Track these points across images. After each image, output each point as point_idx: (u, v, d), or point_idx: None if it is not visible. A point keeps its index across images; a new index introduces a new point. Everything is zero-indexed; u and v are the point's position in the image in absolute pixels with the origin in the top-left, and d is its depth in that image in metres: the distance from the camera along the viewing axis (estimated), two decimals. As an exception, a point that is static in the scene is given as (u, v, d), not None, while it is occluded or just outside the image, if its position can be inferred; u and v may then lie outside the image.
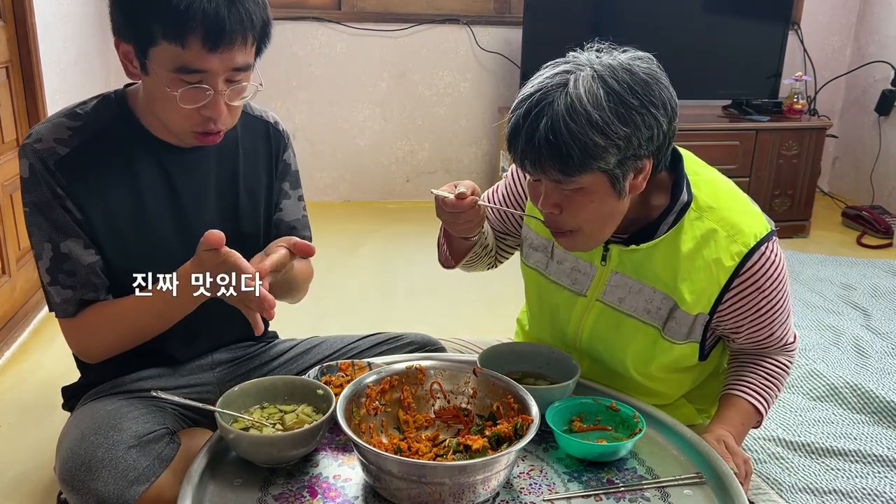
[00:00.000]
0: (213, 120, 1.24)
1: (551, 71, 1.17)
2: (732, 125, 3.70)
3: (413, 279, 3.15)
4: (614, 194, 1.19)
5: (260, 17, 1.21)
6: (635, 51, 1.19)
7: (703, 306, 1.29)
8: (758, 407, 1.38)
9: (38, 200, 1.27)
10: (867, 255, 3.57)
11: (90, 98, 1.35)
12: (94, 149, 1.29)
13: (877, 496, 1.75)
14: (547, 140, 1.12)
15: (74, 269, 1.28)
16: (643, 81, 1.14)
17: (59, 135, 1.28)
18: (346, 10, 3.94)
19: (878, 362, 2.43)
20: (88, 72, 3.34)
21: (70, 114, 1.32)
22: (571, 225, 1.23)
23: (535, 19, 3.62)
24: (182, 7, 1.13)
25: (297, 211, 1.53)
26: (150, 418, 1.28)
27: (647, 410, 1.32)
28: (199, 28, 1.14)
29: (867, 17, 4.29)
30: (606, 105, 1.11)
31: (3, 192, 2.49)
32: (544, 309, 1.48)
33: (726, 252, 1.27)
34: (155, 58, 1.19)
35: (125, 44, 1.22)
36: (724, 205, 1.30)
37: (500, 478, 1.09)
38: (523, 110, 1.15)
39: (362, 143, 4.16)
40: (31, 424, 2.04)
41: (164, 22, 1.14)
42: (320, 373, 1.36)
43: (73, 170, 1.27)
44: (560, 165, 1.13)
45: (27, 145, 1.27)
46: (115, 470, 1.17)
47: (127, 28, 1.20)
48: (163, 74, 1.19)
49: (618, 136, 1.12)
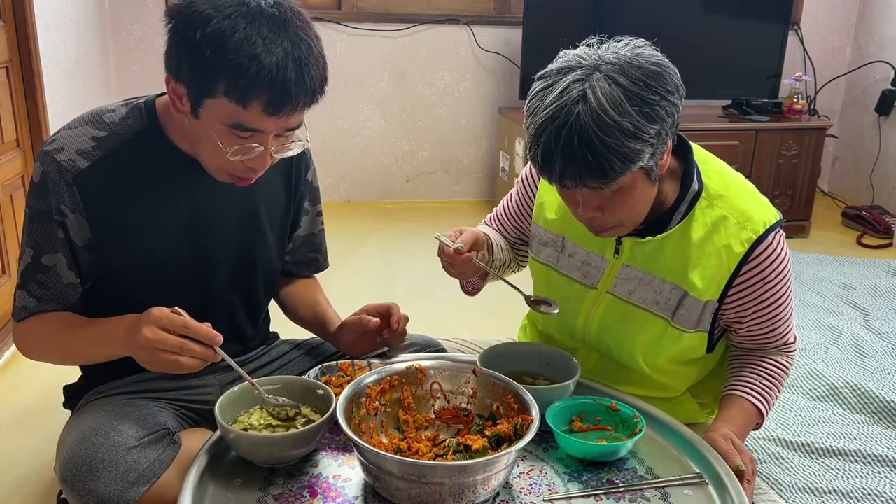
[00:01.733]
0: (255, 170, 1.23)
1: (562, 84, 1.14)
2: (732, 125, 3.70)
3: (413, 279, 3.16)
4: (650, 183, 1.22)
5: (321, 81, 1.18)
6: (630, 39, 1.19)
7: (712, 293, 1.31)
8: (759, 408, 1.38)
9: (40, 208, 1.25)
10: (867, 255, 3.57)
11: (119, 104, 1.31)
12: (117, 162, 1.26)
13: (877, 496, 1.75)
14: (585, 159, 1.12)
15: (49, 283, 1.28)
16: (654, 73, 1.15)
17: (82, 145, 1.25)
18: (346, 10, 3.94)
19: (878, 362, 2.43)
20: (88, 72, 3.34)
21: (96, 121, 1.28)
22: (613, 222, 1.25)
23: (535, 19, 3.62)
24: (252, 71, 1.09)
25: (314, 226, 1.55)
26: (150, 419, 1.27)
27: (648, 410, 1.32)
28: (265, 94, 1.11)
29: (867, 17, 4.29)
30: (632, 109, 1.12)
31: (3, 191, 2.49)
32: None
33: (736, 238, 1.28)
34: (210, 108, 1.15)
35: (179, 84, 1.17)
36: (734, 193, 1.32)
37: (500, 478, 1.09)
38: (552, 134, 1.13)
39: (362, 144, 4.16)
40: (31, 424, 2.04)
41: (231, 81, 1.10)
42: (320, 373, 1.36)
43: (91, 184, 1.24)
44: (601, 177, 1.14)
45: (47, 153, 1.24)
46: (115, 471, 1.17)
47: (188, 73, 1.14)
48: (214, 125, 1.16)
49: (650, 135, 1.14)
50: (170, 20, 1.15)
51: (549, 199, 1.45)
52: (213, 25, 1.10)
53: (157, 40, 3.76)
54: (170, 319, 1.12)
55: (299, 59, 1.12)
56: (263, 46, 1.10)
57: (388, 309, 1.42)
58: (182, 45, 1.13)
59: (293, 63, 1.12)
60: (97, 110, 1.30)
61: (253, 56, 1.09)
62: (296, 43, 1.13)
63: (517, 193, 1.54)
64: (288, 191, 1.46)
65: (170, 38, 1.15)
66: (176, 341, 1.11)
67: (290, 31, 1.13)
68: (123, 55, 3.76)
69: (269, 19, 1.12)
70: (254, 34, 1.10)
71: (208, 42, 1.10)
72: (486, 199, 4.32)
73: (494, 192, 4.24)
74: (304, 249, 1.57)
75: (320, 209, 1.56)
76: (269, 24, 1.12)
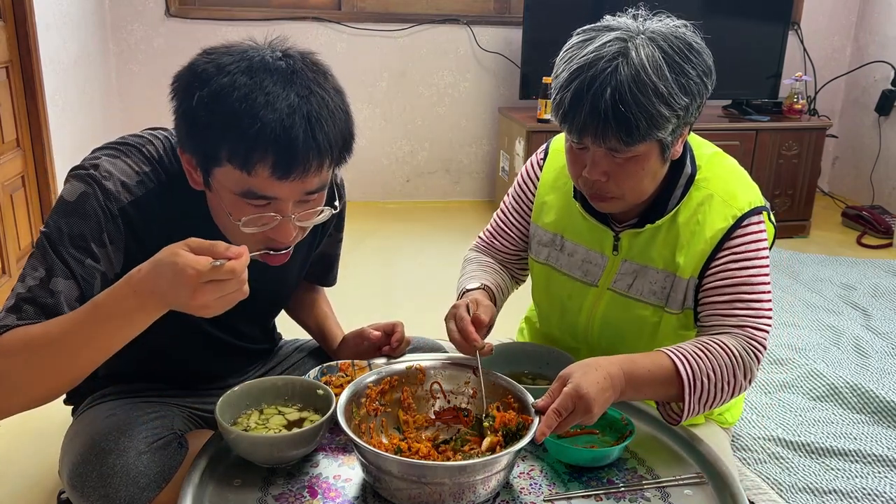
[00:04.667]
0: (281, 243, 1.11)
1: (601, 39, 1.16)
2: (732, 125, 3.70)
3: (413, 279, 3.16)
4: (661, 161, 1.22)
5: (341, 136, 1.06)
6: (669, 16, 1.21)
7: (693, 269, 1.30)
8: (678, 366, 1.18)
9: (73, 232, 1.09)
10: (867, 255, 3.57)
11: (155, 135, 1.20)
12: (157, 202, 1.15)
13: (877, 496, 1.75)
14: (614, 110, 1.12)
15: (47, 310, 1.05)
16: (696, 50, 1.17)
17: (126, 178, 1.13)
18: (346, 10, 3.94)
19: (878, 362, 2.43)
20: (88, 72, 3.34)
21: (137, 154, 1.16)
22: (616, 192, 1.25)
23: (535, 19, 3.62)
24: (252, 132, 0.98)
25: (333, 248, 1.52)
26: (159, 423, 1.26)
27: (647, 410, 1.32)
28: (269, 156, 0.99)
29: (867, 17, 4.29)
30: (670, 75, 1.13)
31: (3, 191, 2.49)
32: (553, 303, 1.48)
33: (720, 215, 1.28)
34: (219, 178, 1.06)
35: (186, 155, 1.09)
36: (723, 174, 1.32)
37: (500, 478, 1.09)
38: (584, 81, 1.13)
39: (362, 143, 4.14)
40: (32, 425, 2.04)
41: (231, 146, 1.00)
42: (320, 373, 1.36)
43: (133, 219, 1.13)
44: (624, 135, 1.14)
45: (93, 177, 1.10)
46: (126, 476, 1.16)
47: (191, 142, 1.05)
48: (226, 195, 1.06)
49: (680, 106, 1.14)
50: (172, 85, 1.06)
51: (549, 198, 1.45)
52: (212, 85, 1.00)
53: (156, 40, 3.76)
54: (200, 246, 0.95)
55: (308, 115, 1.01)
56: (266, 103, 0.98)
57: (392, 326, 1.42)
58: (182, 112, 1.04)
59: (300, 119, 1.00)
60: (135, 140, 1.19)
61: (252, 115, 0.98)
62: (304, 97, 1.01)
63: (513, 199, 1.53)
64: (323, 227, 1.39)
65: (174, 106, 1.07)
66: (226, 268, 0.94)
67: (299, 84, 1.02)
68: (123, 55, 3.76)
69: (273, 73, 1.01)
70: (255, 90, 0.99)
71: (205, 104, 1.00)
72: (485, 199, 4.32)
73: (494, 192, 4.24)
74: (317, 263, 1.53)
75: (342, 236, 1.51)
76: (275, 77, 1.01)
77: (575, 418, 1.10)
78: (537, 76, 3.58)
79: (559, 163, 1.43)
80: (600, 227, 1.36)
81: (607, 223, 1.36)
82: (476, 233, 1.67)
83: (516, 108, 3.98)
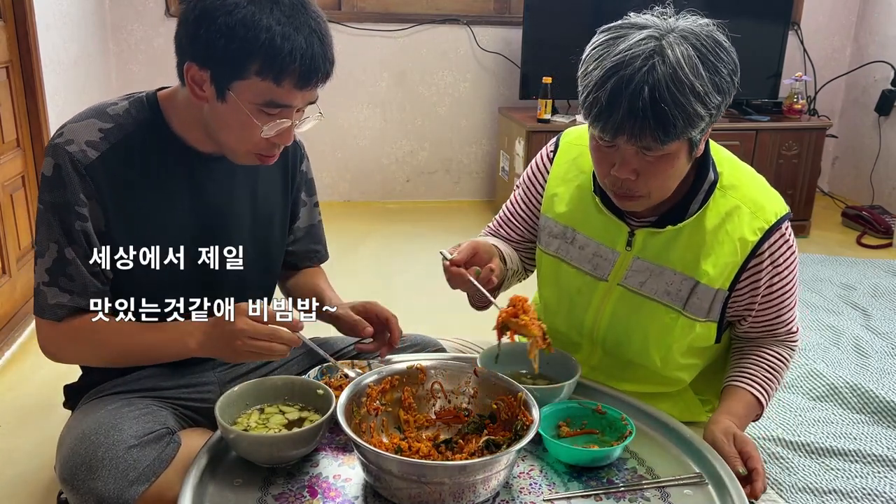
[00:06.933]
0: (279, 146, 1.29)
1: (632, 37, 1.15)
2: (732, 125, 3.70)
3: (413, 279, 3.16)
4: (688, 160, 1.23)
5: (334, 55, 1.26)
6: (696, 13, 1.21)
7: (723, 281, 1.31)
8: (759, 398, 1.38)
9: (56, 201, 1.26)
10: (867, 255, 3.57)
11: (120, 98, 1.34)
12: (124, 153, 1.29)
13: (877, 496, 1.75)
14: (653, 109, 1.11)
15: (74, 275, 1.28)
16: (725, 48, 1.18)
17: (89, 136, 1.27)
18: (346, 10, 3.94)
19: (878, 362, 2.43)
20: (88, 72, 3.34)
21: (101, 113, 1.30)
22: (643, 191, 1.24)
23: (535, 19, 3.62)
24: (287, 49, 1.17)
25: (312, 217, 1.59)
26: (150, 418, 1.28)
27: (647, 410, 1.32)
28: (297, 68, 1.19)
29: (867, 17, 4.30)
30: (705, 74, 1.14)
31: (3, 191, 2.49)
32: (562, 296, 1.48)
33: (749, 228, 1.30)
34: (239, 90, 1.21)
35: (201, 70, 1.22)
36: (746, 182, 1.34)
37: (500, 478, 1.09)
38: (623, 79, 1.12)
39: (362, 143, 4.16)
40: (31, 424, 2.04)
41: (265, 60, 1.17)
42: (320, 373, 1.36)
43: (101, 174, 1.27)
44: (661, 134, 1.14)
45: (58, 145, 1.26)
46: (115, 469, 1.17)
47: (215, 58, 1.19)
48: (245, 106, 1.22)
49: (713, 104, 1.15)
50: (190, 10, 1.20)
51: (560, 190, 1.44)
52: (242, 10, 1.18)
53: (156, 40, 3.76)
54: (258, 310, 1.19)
55: (321, 35, 1.22)
56: (291, 26, 1.18)
57: (387, 320, 1.43)
58: (211, 32, 1.18)
59: (318, 39, 1.21)
60: (100, 104, 1.32)
61: (285, 35, 1.18)
62: (316, 20, 1.22)
63: (522, 191, 1.53)
64: (285, 181, 1.50)
65: (190, 27, 1.20)
66: (267, 329, 1.19)
67: (308, 12, 1.22)
68: (123, 55, 3.76)
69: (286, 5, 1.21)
70: (281, 17, 1.19)
71: (241, 26, 1.17)
72: (486, 199, 4.32)
73: (494, 192, 4.25)
74: (306, 241, 1.60)
75: (316, 200, 1.60)
76: (289, 8, 1.20)
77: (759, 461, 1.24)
78: (537, 76, 3.59)
79: (570, 155, 1.44)
80: (616, 221, 1.36)
81: (623, 218, 1.36)
82: (476, 233, 1.67)
83: (516, 108, 3.98)
